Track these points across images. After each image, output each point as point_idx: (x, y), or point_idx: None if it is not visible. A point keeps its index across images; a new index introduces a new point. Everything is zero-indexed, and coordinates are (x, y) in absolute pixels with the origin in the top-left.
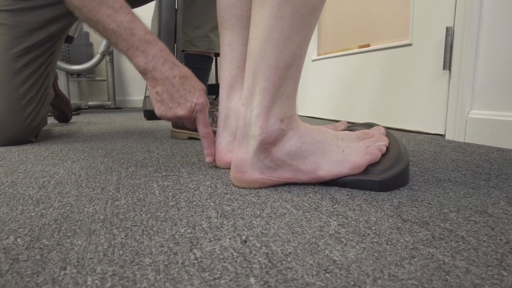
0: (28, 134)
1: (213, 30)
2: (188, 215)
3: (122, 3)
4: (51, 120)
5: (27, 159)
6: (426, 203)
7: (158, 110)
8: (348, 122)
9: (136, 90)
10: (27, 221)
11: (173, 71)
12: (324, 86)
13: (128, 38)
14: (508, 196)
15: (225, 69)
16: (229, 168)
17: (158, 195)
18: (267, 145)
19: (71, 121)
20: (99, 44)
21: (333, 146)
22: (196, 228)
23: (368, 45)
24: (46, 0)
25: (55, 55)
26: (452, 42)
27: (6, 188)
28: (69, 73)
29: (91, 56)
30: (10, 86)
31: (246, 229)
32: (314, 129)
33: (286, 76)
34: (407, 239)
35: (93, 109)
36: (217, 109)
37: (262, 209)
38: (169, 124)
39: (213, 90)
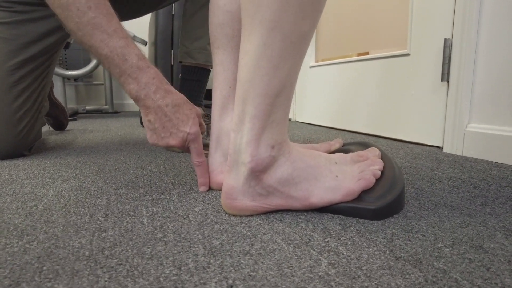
0: (22, 148)
1: None
2: (175, 252)
3: (117, 26)
4: (46, 128)
5: (17, 177)
6: (420, 235)
7: (150, 138)
8: (346, 130)
9: None
10: (8, 258)
11: (165, 100)
12: (321, 93)
13: (121, 64)
14: (504, 226)
15: (217, 88)
16: (221, 189)
17: (147, 224)
18: (257, 173)
19: (67, 128)
20: None
21: (326, 171)
22: (182, 268)
23: (367, 53)
24: (43, 13)
25: (51, 67)
26: (450, 54)
27: None
28: (66, 78)
29: (88, 61)
30: (5, 100)
31: (234, 270)
32: (306, 153)
33: (276, 103)
34: (398, 283)
35: (91, 114)
36: None
37: (252, 244)
38: None
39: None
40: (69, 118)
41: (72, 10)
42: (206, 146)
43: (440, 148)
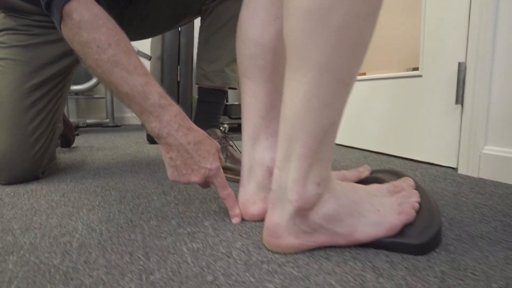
0: (36, 171)
1: (228, 65)
2: None
3: (137, 63)
4: None
5: (39, 206)
6: (470, 273)
7: (172, 175)
8: (358, 148)
9: None
10: None
11: (187, 137)
12: None
13: (142, 102)
14: None
15: (248, 119)
16: (255, 220)
17: (192, 264)
18: (304, 211)
19: (73, 145)
20: None
21: (368, 205)
22: None
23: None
24: (58, 35)
25: (65, 89)
26: (464, 78)
27: (27, 255)
28: None
29: (89, 75)
30: (20, 123)
31: None
32: (348, 188)
33: (323, 141)
34: None
35: (92, 127)
36: (230, 144)
37: None
38: None
39: (227, 111)
40: None
41: (92, 47)
42: (225, 169)
43: (455, 169)
